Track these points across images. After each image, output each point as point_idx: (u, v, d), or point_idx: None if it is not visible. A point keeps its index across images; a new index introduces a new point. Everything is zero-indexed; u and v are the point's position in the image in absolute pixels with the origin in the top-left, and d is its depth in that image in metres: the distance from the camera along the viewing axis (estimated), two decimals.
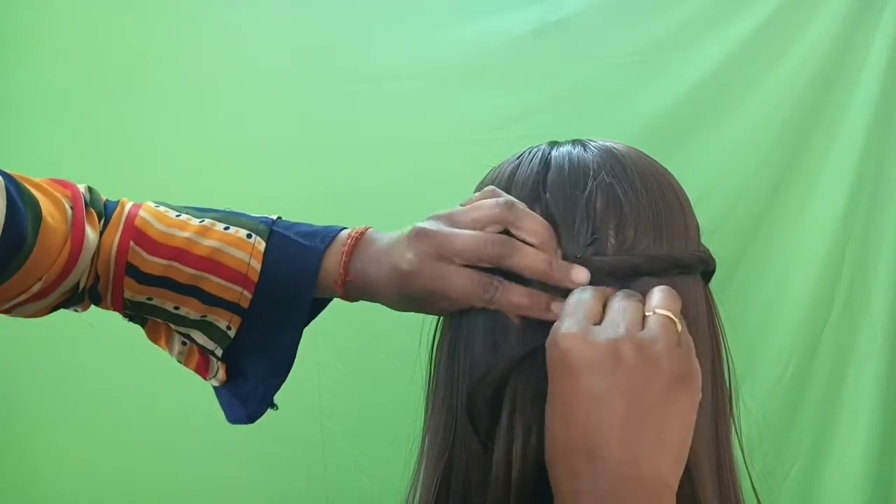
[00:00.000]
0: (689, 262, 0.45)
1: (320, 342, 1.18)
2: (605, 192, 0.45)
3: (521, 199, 0.46)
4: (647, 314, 0.40)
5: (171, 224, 0.53)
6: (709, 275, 0.48)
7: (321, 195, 1.21)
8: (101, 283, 0.54)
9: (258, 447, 1.22)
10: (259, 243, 0.53)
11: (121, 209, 0.55)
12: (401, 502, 0.49)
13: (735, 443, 0.48)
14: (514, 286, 0.44)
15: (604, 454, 0.37)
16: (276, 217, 0.56)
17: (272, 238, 0.53)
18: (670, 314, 0.40)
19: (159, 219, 0.54)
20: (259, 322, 0.53)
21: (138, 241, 0.53)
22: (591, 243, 0.44)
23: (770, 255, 1.17)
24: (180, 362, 0.57)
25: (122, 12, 1.29)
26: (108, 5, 1.29)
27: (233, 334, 0.54)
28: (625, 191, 0.45)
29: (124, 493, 1.28)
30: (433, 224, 0.46)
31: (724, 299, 0.50)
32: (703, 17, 1.16)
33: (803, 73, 1.13)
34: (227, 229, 0.53)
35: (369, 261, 0.50)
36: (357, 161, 1.24)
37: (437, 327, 0.50)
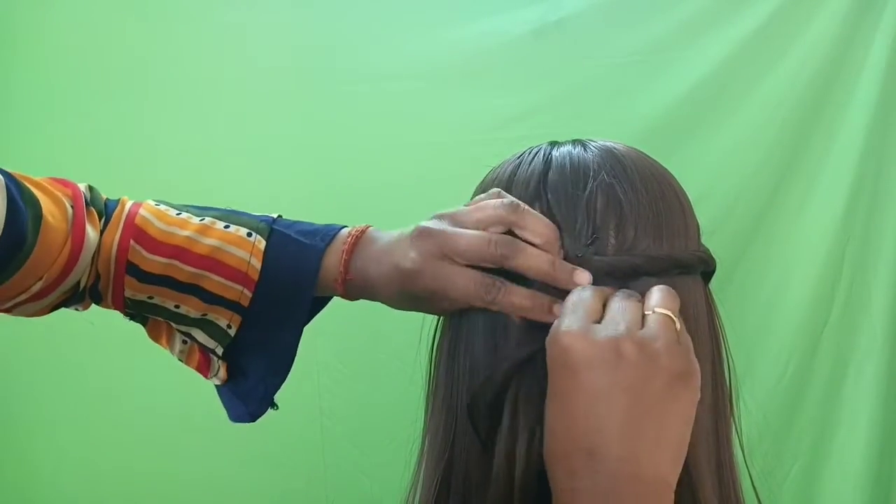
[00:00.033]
0: (689, 262, 0.45)
1: (320, 342, 1.18)
2: (605, 192, 0.45)
3: (522, 199, 0.46)
4: (647, 313, 0.40)
5: (171, 222, 0.53)
6: (709, 275, 0.48)
7: (321, 195, 1.21)
8: (102, 281, 0.53)
9: (258, 447, 1.22)
10: (259, 242, 0.53)
11: (121, 208, 0.54)
12: (401, 502, 0.49)
13: (735, 442, 0.48)
14: (517, 287, 0.44)
15: (603, 452, 0.37)
16: (276, 216, 0.55)
17: (272, 236, 0.53)
18: (669, 313, 0.40)
19: (160, 217, 0.54)
20: (259, 320, 0.53)
21: (139, 239, 0.53)
22: (591, 243, 0.44)
23: (770, 255, 1.16)
24: (181, 361, 0.57)
25: (122, 12, 1.29)
26: (108, 5, 1.29)
27: (233, 333, 0.54)
28: (625, 191, 0.45)
29: (124, 492, 1.28)
30: (436, 223, 0.46)
31: (724, 299, 0.50)
32: (703, 17, 1.16)
33: (803, 73, 1.13)
34: (227, 228, 0.53)
35: (370, 259, 0.50)
36: (357, 161, 1.24)
37: (437, 327, 0.50)
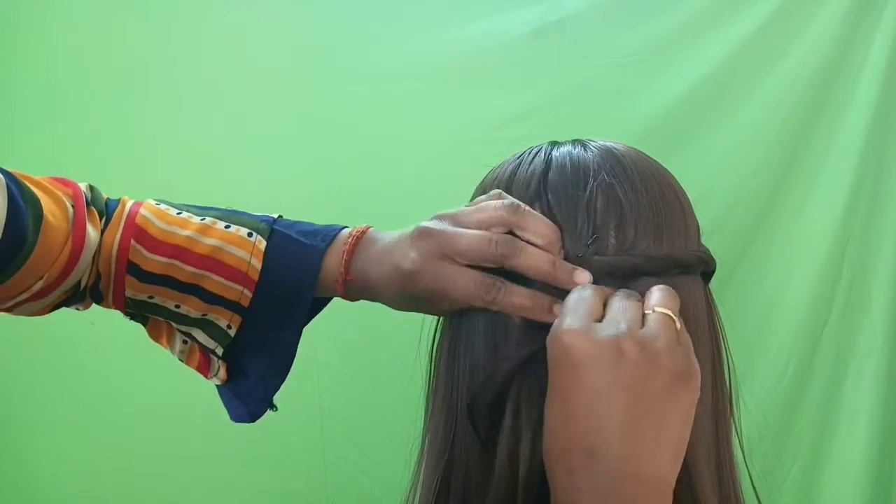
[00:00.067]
0: (689, 262, 0.45)
1: (320, 342, 1.18)
2: (605, 193, 0.45)
3: (522, 199, 0.46)
4: (647, 312, 0.40)
5: (171, 222, 0.53)
6: (709, 275, 0.48)
7: (321, 195, 1.20)
8: (103, 281, 0.53)
9: (258, 447, 1.22)
10: (260, 242, 0.53)
11: (122, 207, 0.54)
12: (401, 502, 0.49)
13: (735, 443, 0.48)
14: (517, 287, 0.44)
15: (603, 451, 0.37)
16: (277, 216, 0.55)
17: (273, 237, 0.53)
18: (670, 312, 0.40)
19: (160, 217, 0.54)
20: (259, 321, 0.53)
21: (139, 239, 0.53)
22: (591, 243, 0.44)
23: (770, 255, 1.16)
24: (182, 361, 0.57)
25: (122, 12, 1.29)
26: (108, 5, 1.29)
27: (233, 333, 0.54)
28: (625, 191, 0.45)
29: (124, 492, 1.28)
30: (437, 223, 0.46)
31: (724, 299, 0.50)
32: (703, 17, 1.16)
33: (803, 73, 1.13)
34: (227, 228, 0.53)
35: (370, 260, 0.50)
36: (357, 161, 1.24)
37: (437, 328, 0.50)
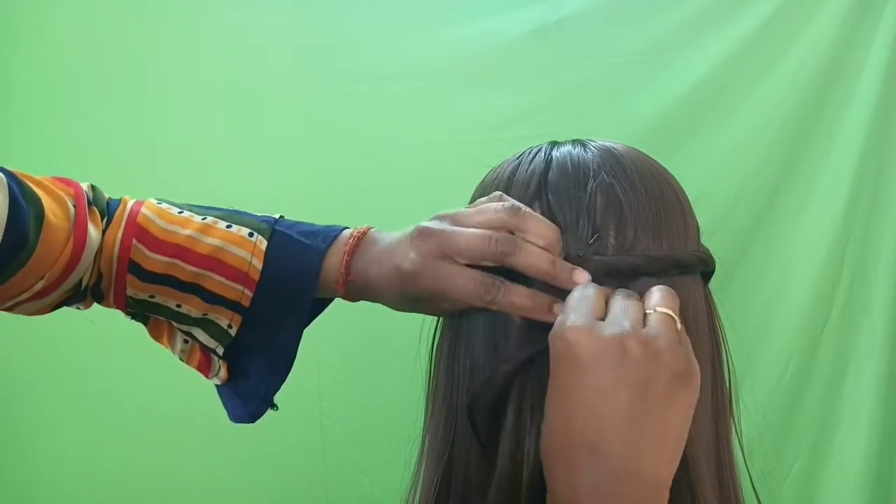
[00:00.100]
0: (689, 262, 0.45)
1: (320, 343, 1.18)
2: (605, 193, 0.45)
3: (522, 200, 0.46)
4: (648, 312, 0.40)
5: (173, 221, 0.53)
6: (708, 275, 0.48)
7: (321, 195, 1.20)
8: (104, 280, 0.54)
9: (258, 447, 1.22)
10: (261, 242, 0.53)
11: (123, 207, 0.55)
12: (401, 502, 0.49)
13: (735, 443, 0.48)
14: (517, 287, 0.44)
15: (604, 450, 0.37)
16: (278, 216, 0.55)
17: (274, 237, 0.53)
18: (671, 312, 0.40)
19: (161, 216, 0.54)
20: (260, 321, 0.53)
21: (141, 238, 0.53)
22: (593, 243, 0.44)
23: (770, 255, 1.16)
24: (182, 360, 0.57)
25: (122, 12, 1.29)
26: (108, 5, 1.29)
27: (234, 333, 0.54)
28: (625, 191, 0.45)
29: (124, 492, 1.28)
30: (437, 223, 0.46)
31: (724, 299, 0.50)
32: (703, 17, 1.16)
33: (803, 73, 1.13)
34: (229, 227, 0.53)
35: (371, 261, 0.50)
36: (357, 161, 1.24)
37: (437, 327, 0.50)
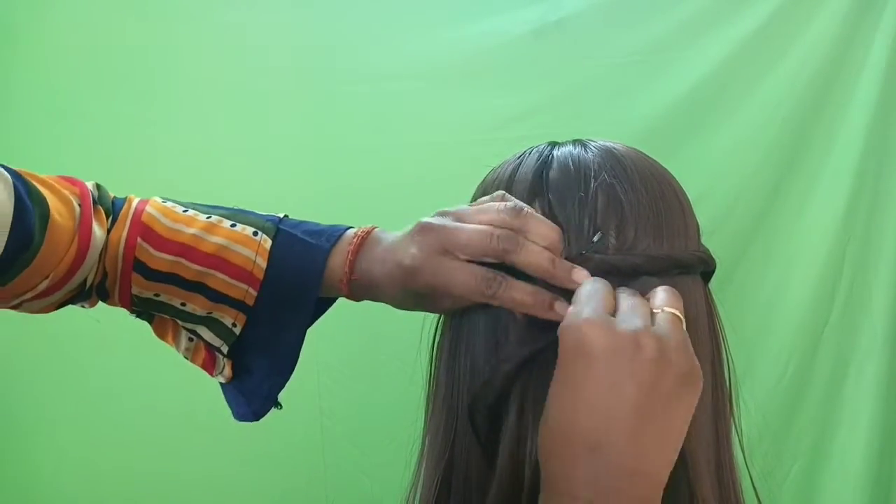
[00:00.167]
0: (689, 261, 0.45)
1: (321, 343, 1.17)
2: (605, 193, 0.45)
3: (523, 199, 0.46)
4: (656, 311, 0.40)
5: (178, 220, 0.54)
6: (709, 275, 0.48)
7: (321, 195, 1.20)
8: (109, 279, 0.54)
9: (258, 447, 1.22)
10: (265, 241, 0.53)
11: (128, 205, 0.55)
12: (401, 502, 0.49)
13: (735, 443, 0.48)
14: (518, 283, 0.43)
15: (608, 446, 0.37)
16: (282, 215, 0.56)
17: (279, 236, 0.53)
18: (679, 313, 0.40)
19: (166, 214, 0.54)
20: (264, 319, 0.54)
21: (146, 237, 0.53)
22: (597, 241, 0.44)
23: (770, 255, 1.16)
24: (187, 359, 0.57)
25: (123, 12, 1.28)
26: (108, 5, 1.29)
27: (238, 331, 0.54)
28: (625, 191, 0.45)
29: (124, 492, 1.27)
30: (438, 219, 0.46)
31: (724, 299, 0.50)
32: (703, 17, 1.16)
33: (803, 73, 1.13)
34: (233, 226, 0.53)
35: (374, 260, 0.50)
36: (357, 161, 1.24)
37: (438, 327, 0.50)
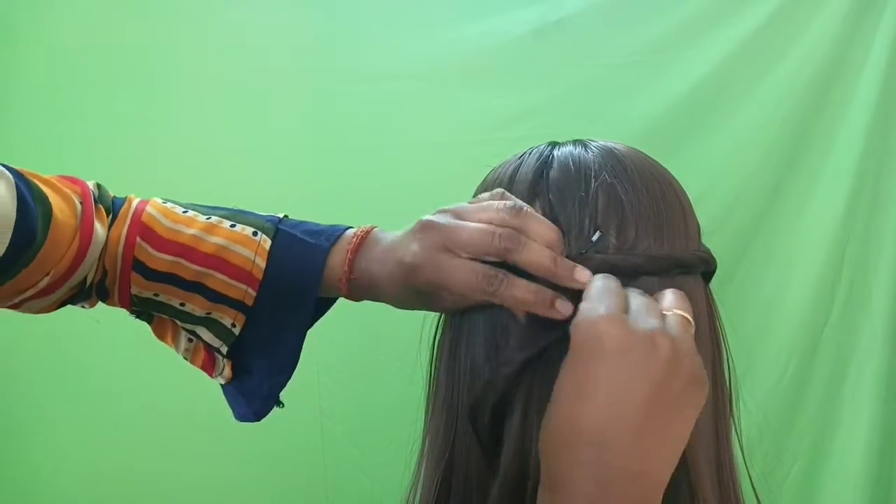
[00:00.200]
0: (690, 261, 0.45)
1: (321, 343, 1.17)
2: (606, 193, 0.45)
3: (523, 199, 0.46)
4: (666, 313, 0.39)
5: (177, 220, 0.54)
6: (709, 275, 0.48)
7: (321, 195, 1.21)
8: (109, 278, 0.54)
9: (258, 447, 1.22)
10: (265, 241, 0.53)
11: (128, 205, 0.55)
12: (401, 502, 0.49)
13: (735, 443, 0.48)
14: (520, 280, 0.43)
15: (613, 445, 0.36)
16: (282, 216, 0.56)
17: (278, 236, 0.53)
18: (689, 316, 0.40)
19: (166, 215, 0.54)
20: (264, 320, 0.54)
21: (145, 236, 0.53)
22: (597, 240, 0.44)
23: (770, 255, 1.16)
24: (187, 359, 0.57)
25: (122, 12, 1.29)
26: (108, 5, 1.29)
27: (237, 332, 0.54)
28: (626, 191, 0.45)
29: (124, 492, 1.28)
30: (440, 217, 0.46)
31: (725, 299, 0.50)
32: (703, 17, 1.16)
33: (803, 73, 1.13)
34: (233, 227, 0.54)
35: (374, 259, 0.50)
36: (357, 161, 1.24)
37: (438, 326, 0.50)
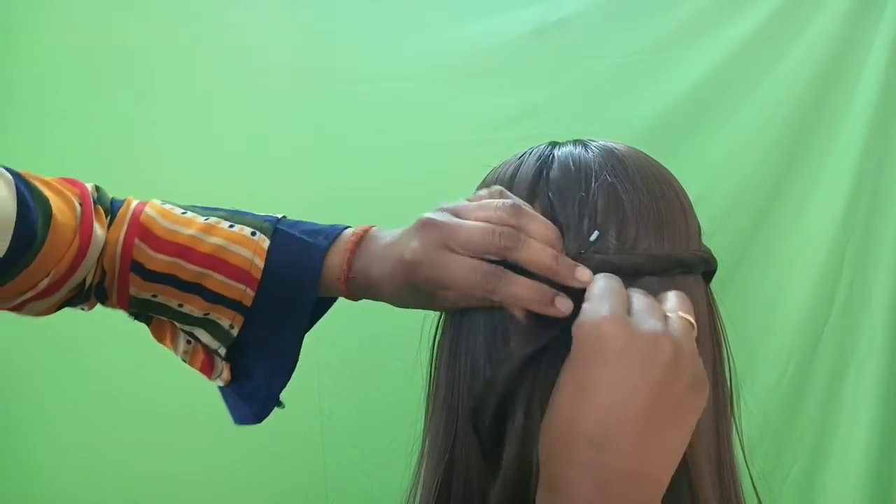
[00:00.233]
0: (691, 261, 0.45)
1: (321, 343, 1.17)
2: (606, 193, 0.45)
3: (523, 199, 0.46)
4: (669, 315, 0.39)
5: (176, 221, 0.54)
6: (710, 274, 0.48)
7: (321, 195, 1.21)
8: (107, 279, 0.54)
9: (258, 447, 1.22)
10: (263, 241, 0.53)
11: (126, 206, 0.55)
12: (401, 502, 0.49)
13: (735, 442, 0.47)
14: (519, 278, 0.43)
15: (613, 446, 0.36)
16: (280, 216, 0.56)
17: (276, 236, 0.53)
18: (692, 319, 0.39)
19: (165, 216, 0.54)
20: (262, 320, 0.53)
21: (144, 237, 0.53)
22: (595, 240, 0.44)
23: (770, 255, 1.16)
24: (185, 362, 0.57)
25: (123, 12, 1.29)
26: (108, 5, 1.29)
27: (235, 333, 0.54)
28: (626, 191, 0.45)
29: (124, 492, 1.28)
30: (440, 215, 0.46)
31: (725, 299, 0.50)
32: (703, 17, 1.16)
33: (803, 73, 1.13)
34: (231, 227, 0.54)
35: (372, 258, 0.50)
36: (357, 161, 1.24)
37: (438, 326, 0.50)
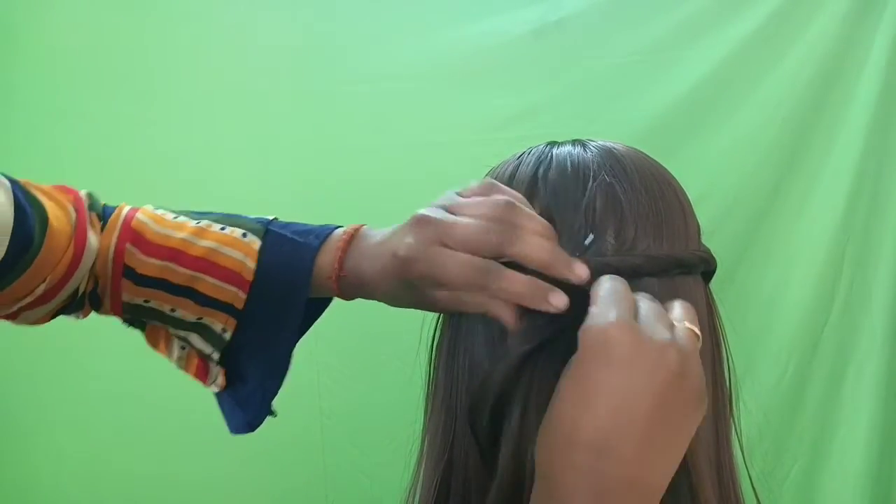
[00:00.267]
0: (690, 261, 0.45)
1: (320, 343, 1.18)
2: (605, 193, 0.45)
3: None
4: (676, 324, 0.39)
5: (167, 225, 0.54)
6: (709, 275, 0.48)
7: (321, 195, 1.21)
8: (100, 285, 0.54)
9: (258, 447, 1.22)
10: (254, 242, 0.53)
11: (118, 213, 0.55)
12: (401, 502, 0.49)
13: (735, 443, 0.47)
14: (514, 273, 0.42)
15: (613, 453, 0.36)
16: (272, 217, 0.56)
17: (267, 237, 0.53)
18: (698, 331, 0.39)
19: (156, 221, 0.54)
20: (255, 322, 0.53)
21: (135, 242, 0.53)
22: (587, 245, 0.43)
23: (770, 255, 1.16)
24: (180, 368, 0.57)
25: (123, 12, 1.29)
26: (108, 5, 1.29)
27: (228, 337, 0.54)
28: (625, 191, 0.45)
29: (124, 493, 1.28)
30: (435, 211, 0.45)
31: (725, 299, 0.50)
32: (703, 17, 1.16)
33: (803, 73, 1.13)
34: (223, 230, 0.53)
35: (363, 256, 0.50)
36: (357, 161, 1.24)
37: (437, 326, 0.50)
